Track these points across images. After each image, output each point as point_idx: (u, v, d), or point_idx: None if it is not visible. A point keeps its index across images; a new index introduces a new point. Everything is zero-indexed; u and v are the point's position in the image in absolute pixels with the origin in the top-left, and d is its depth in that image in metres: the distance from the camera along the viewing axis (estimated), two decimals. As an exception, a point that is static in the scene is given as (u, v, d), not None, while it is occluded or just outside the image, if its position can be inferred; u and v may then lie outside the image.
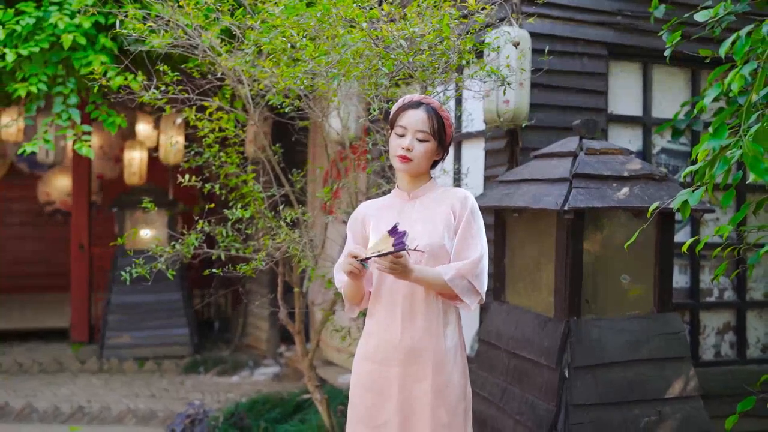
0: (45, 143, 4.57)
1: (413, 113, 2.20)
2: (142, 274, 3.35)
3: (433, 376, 2.16)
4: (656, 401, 2.90)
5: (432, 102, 2.25)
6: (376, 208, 2.33)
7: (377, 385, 2.22)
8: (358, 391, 2.27)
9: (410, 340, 2.18)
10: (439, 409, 2.16)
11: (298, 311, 3.76)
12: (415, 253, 2.13)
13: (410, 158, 2.19)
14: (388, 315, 2.22)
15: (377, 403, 2.21)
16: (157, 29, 3.30)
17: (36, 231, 9.46)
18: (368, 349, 2.26)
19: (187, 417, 3.78)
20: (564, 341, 2.87)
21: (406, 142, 2.18)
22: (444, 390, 2.17)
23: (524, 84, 3.47)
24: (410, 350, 2.18)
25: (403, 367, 2.18)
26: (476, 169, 4.00)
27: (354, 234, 2.33)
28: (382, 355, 2.22)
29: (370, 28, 2.72)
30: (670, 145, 4.23)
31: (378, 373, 2.22)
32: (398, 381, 2.19)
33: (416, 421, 2.18)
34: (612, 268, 3.03)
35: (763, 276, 4.38)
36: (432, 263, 2.17)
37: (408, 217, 2.24)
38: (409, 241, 2.05)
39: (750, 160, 2.05)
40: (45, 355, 6.47)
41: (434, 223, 2.21)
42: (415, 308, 2.19)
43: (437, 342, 2.19)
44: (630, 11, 3.99)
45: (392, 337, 2.20)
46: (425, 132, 2.18)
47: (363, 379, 2.26)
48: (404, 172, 2.25)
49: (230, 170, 3.59)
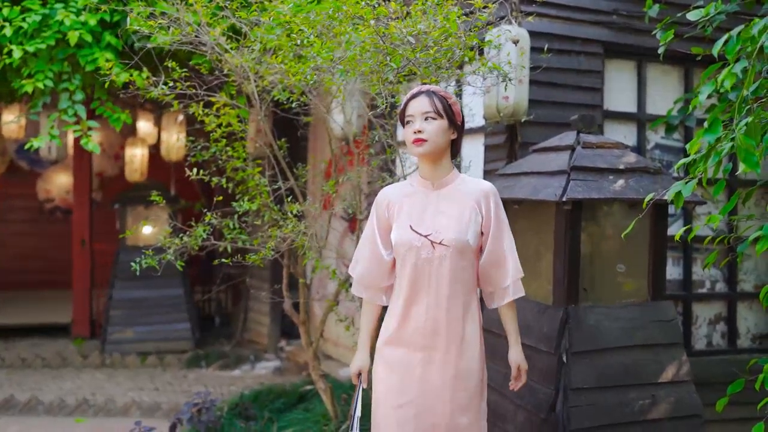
0: (52, 138, 4.65)
1: (415, 101, 2.32)
2: (147, 266, 3.41)
3: (455, 360, 2.28)
4: (650, 385, 3.01)
5: (430, 87, 2.36)
6: (400, 194, 2.40)
7: (401, 367, 2.31)
8: (382, 373, 2.36)
9: (434, 323, 2.28)
10: (460, 393, 2.27)
11: (303, 302, 3.85)
12: (440, 246, 2.24)
13: (424, 138, 2.27)
14: (412, 299, 2.31)
15: (400, 384, 2.30)
16: (165, 26, 3.39)
17: (37, 228, 9.51)
18: (392, 332, 2.35)
19: (194, 406, 3.87)
20: (562, 328, 2.97)
21: (416, 126, 2.28)
22: (465, 374, 2.29)
23: (523, 81, 3.58)
24: (434, 334, 2.28)
25: (426, 351, 2.29)
26: (476, 163, 4.11)
27: (378, 217, 2.41)
28: (406, 338, 2.32)
29: (378, 26, 2.82)
30: (664, 140, 4.35)
31: (402, 355, 2.31)
32: (421, 364, 2.29)
33: (437, 403, 2.28)
34: (608, 258, 3.14)
35: (754, 268, 4.51)
36: (456, 257, 2.27)
37: (434, 209, 2.32)
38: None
39: (742, 153, 2.17)
40: (48, 350, 6.54)
41: (460, 218, 2.30)
42: (440, 293, 2.29)
43: (460, 327, 2.29)
44: (625, 11, 4.10)
45: (416, 321, 2.30)
46: (430, 111, 2.29)
47: (387, 361, 2.35)
48: (422, 154, 2.31)
49: (237, 164, 3.69)
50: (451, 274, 2.28)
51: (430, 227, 2.30)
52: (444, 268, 2.28)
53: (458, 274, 2.30)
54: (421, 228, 2.30)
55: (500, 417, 3.15)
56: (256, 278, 6.61)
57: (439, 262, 2.28)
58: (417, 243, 2.29)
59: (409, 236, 2.31)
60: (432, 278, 2.28)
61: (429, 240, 2.28)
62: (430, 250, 2.28)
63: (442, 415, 2.29)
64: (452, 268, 2.28)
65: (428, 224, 2.30)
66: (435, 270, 2.28)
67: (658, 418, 2.98)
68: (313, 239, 3.49)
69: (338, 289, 3.76)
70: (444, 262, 2.27)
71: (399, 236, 2.33)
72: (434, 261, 2.28)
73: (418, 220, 2.32)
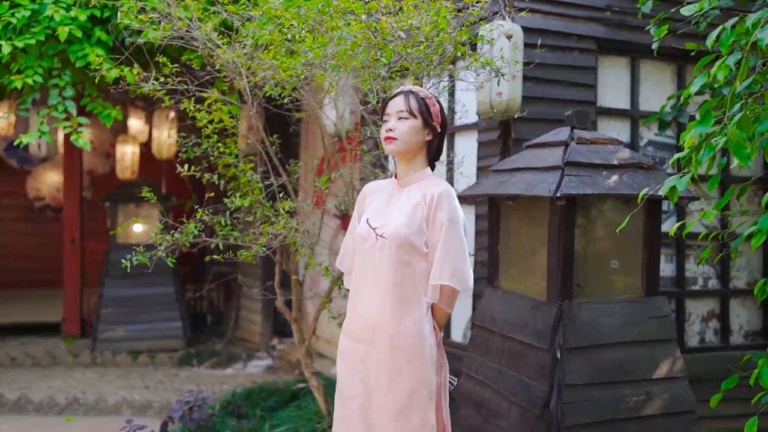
0: (41, 135, 4.60)
1: (393, 101, 2.36)
2: (138, 264, 3.39)
3: (389, 359, 2.24)
4: (645, 381, 3.00)
5: (412, 88, 2.37)
6: (376, 189, 2.47)
7: (349, 360, 2.34)
8: (338, 364, 2.40)
9: (372, 316, 2.29)
10: (393, 393, 2.22)
11: (295, 299, 3.83)
12: (381, 238, 2.27)
13: (394, 137, 2.31)
14: (357, 291, 2.36)
15: (349, 377, 2.33)
16: (156, 21, 3.36)
17: (27, 226, 9.43)
18: (345, 323, 2.40)
19: (186, 404, 3.83)
20: (556, 324, 2.96)
21: (390, 124, 2.33)
22: (396, 377, 2.22)
23: (517, 77, 3.56)
24: (372, 327, 2.28)
25: (366, 345, 2.29)
26: (470, 159, 4.09)
27: (358, 209, 2.48)
28: (352, 331, 2.35)
29: (369, 20, 2.80)
30: (657, 137, 4.35)
31: (350, 347, 2.34)
32: (363, 358, 2.30)
33: (377, 401, 2.26)
34: (602, 254, 3.12)
35: (746, 264, 4.52)
36: (395, 251, 2.26)
37: (393, 205, 2.35)
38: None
39: (734, 147, 2.15)
40: (38, 349, 6.48)
41: (409, 214, 2.30)
42: (379, 286, 2.28)
43: (397, 327, 2.24)
44: (619, 7, 4.10)
45: (359, 312, 2.33)
46: (403, 111, 2.31)
47: (341, 352, 2.39)
48: (392, 152, 2.36)
49: (228, 160, 3.66)
50: (391, 267, 2.26)
51: (380, 221, 2.33)
52: (384, 261, 2.28)
53: (399, 269, 2.26)
54: (374, 221, 2.34)
55: (494, 413, 3.14)
56: (248, 276, 6.58)
57: (380, 255, 2.29)
58: (365, 235, 2.34)
59: (362, 228, 2.37)
60: (373, 270, 2.30)
61: (375, 232, 2.31)
62: (373, 242, 2.31)
63: (383, 415, 2.24)
64: (392, 262, 2.26)
65: (380, 218, 2.34)
66: (377, 262, 2.29)
67: (652, 415, 2.97)
68: (305, 236, 3.46)
69: (331, 286, 3.74)
70: (384, 255, 2.28)
71: (358, 229, 2.40)
72: (375, 253, 2.30)
73: (376, 214, 2.37)
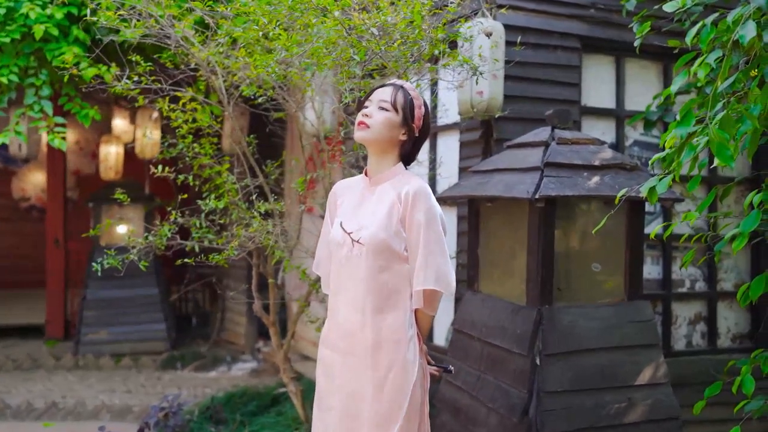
0: (17, 135, 4.52)
1: (379, 90, 2.22)
2: (115, 266, 3.36)
3: (372, 368, 2.13)
4: (627, 387, 2.94)
5: (402, 83, 2.25)
6: (347, 188, 2.34)
7: (327, 370, 2.24)
8: (317, 374, 2.31)
9: (350, 326, 2.17)
10: (382, 404, 2.12)
11: (272, 303, 3.75)
12: (358, 244, 2.15)
13: (368, 124, 2.16)
14: (335, 299, 2.25)
15: (326, 388, 2.24)
16: (129, 18, 3.28)
17: (12, 226, 9.32)
18: (324, 332, 2.29)
19: (161, 410, 3.75)
20: (536, 329, 2.89)
21: (367, 111, 2.18)
22: (378, 387, 2.12)
23: (498, 75, 3.49)
24: (350, 336, 2.17)
25: (344, 355, 2.18)
26: (451, 159, 4.02)
27: (330, 210, 2.36)
28: (330, 340, 2.25)
29: (343, 17, 2.72)
30: (643, 137, 4.28)
31: (329, 357, 2.24)
32: (341, 368, 2.19)
33: (358, 412, 2.15)
34: (583, 257, 3.06)
35: (734, 266, 4.45)
36: (372, 257, 2.13)
37: (365, 206, 2.22)
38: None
39: (716, 147, 2.09)
40: (19, 352, 6.38)
41: (384, 216, 2.16)
42: (357, 294, 2.16)
43: (373, 333, 2.14)
44: (603, 4, 4.03)
45: (337, 321, 2.23)
46: (386, 101, 2.17)
47: (320, 361, 2.29)
48: (361, 139, 2.20)
49: (204, 161, 3.58)
50: (367, 274, 2.14)
51: (355, 224, 2.20)
52: (360, 268, 2.15)
53: (377, 275, 2.15)
54: (349, 225, 2.22)
55: (472, 420, 3.07)
56: (232, 278, 6.50)
57: (357, 262, 2.16)
58: (341, 240, 2.21)
59: (336, 233, 2.24)
60: (350, 278, 2.18)
61: (351, 238, 2.18)
62: (350, 248, 2.18)
63: (364, 426, 2.14)
64: (369, 268, 2.14)
65: (354, 221, 2.21)
66: (354, 269, 2.17)
67: (634, 422, 2.91)
68: (281, 238, 3.38)
69: (309, 289, 3.66)
70: (360, 261, 2.15)
71: (332, 233, 2.27)
72: (353, 260, 2.17)
73: (350, 217, 2.24)
